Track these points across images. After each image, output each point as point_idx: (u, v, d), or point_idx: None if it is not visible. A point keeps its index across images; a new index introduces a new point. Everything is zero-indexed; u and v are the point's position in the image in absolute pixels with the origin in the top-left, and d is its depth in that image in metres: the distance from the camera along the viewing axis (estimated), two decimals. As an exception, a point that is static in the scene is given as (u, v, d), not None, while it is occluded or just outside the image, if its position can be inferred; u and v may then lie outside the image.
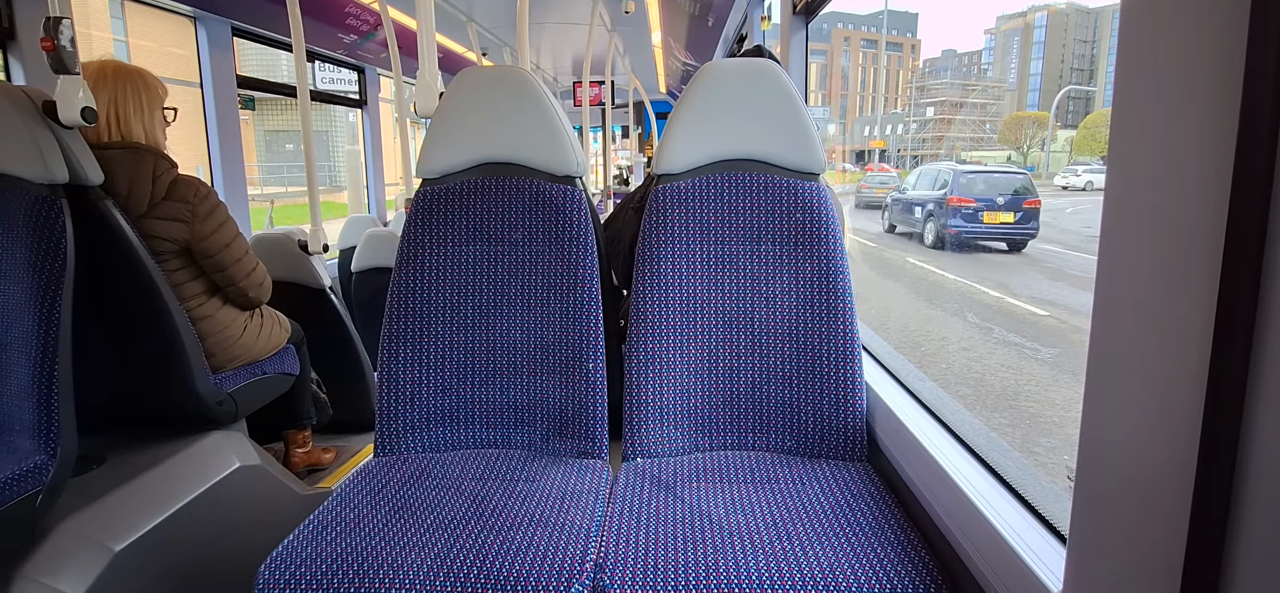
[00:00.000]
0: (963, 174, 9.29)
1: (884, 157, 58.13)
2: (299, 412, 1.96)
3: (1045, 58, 67.25)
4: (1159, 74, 0.48)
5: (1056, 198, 17.15)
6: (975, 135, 65.52)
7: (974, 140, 64.96)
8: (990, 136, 62.97)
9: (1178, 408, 0.46)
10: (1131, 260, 0.51)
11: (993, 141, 60.26)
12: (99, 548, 1.14)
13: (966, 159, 49.01)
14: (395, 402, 1.23)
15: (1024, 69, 68.17)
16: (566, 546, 0.89)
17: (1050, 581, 0.63)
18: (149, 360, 1.47)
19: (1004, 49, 71.03)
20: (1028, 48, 68.76)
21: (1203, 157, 0.44)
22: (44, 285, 1.17)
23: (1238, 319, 0.42)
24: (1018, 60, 69.13)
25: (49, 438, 1.13)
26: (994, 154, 50.85)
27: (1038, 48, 68.17)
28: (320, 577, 0.85)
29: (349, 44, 3.42)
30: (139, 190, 1.43)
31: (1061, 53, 67.31)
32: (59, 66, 1.26)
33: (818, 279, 1.19)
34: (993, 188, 8.85)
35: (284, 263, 2.09)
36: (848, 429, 1.16)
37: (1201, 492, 0.44)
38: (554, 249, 1.25)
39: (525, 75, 1.28)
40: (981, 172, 9.87)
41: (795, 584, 0.81)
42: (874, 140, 60.97)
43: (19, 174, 1.19)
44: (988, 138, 63.50)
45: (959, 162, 42.66)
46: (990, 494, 0.80)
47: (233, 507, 1.45)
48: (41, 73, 1.67)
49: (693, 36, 4.41)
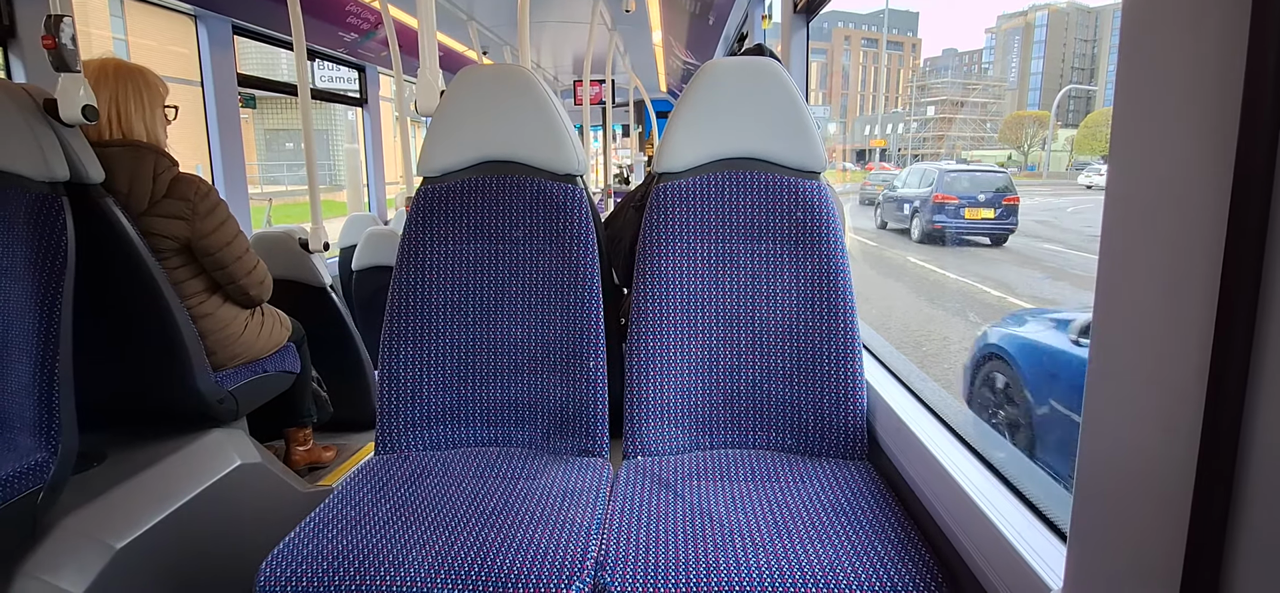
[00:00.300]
0: (948, 173, 9.72)
1: (884, 155, 57.69)
2: (300, 410, 1.96)
3: (1046, 57, 67.10)
4: (1160, 73, 0.48)
5: (1083, 196, 17.14)
6: (976, 134, 65.08)
7: (974, 139, 64.55)
8: (991, 136, 62.52)
9: (1178, 406, 0.46)
10: (1132, 258, 0.51)
11: (993, 141, 59.78)
12: (100, 545, 1.14)
13: (968, 158, 48.56)
14: (396, 400, 1.23)
15: (1025, 68, 67.99)
16: (567, 543, 0.89)
17: (1050, 578, 0.63)
18: (150, 358, 1.47)
19: (1005, 48, 70.86)
20: (1028, 47, 68.61)
21: (1204, 154, 0.44)
22: (45, 283, 1.17)
23: (1238, 317, 0.42)
24: (1018, 59, 68.92)
25: (50, 435, 1.13)
26: (994, 153, 50.43)
27: (1038, 47, 68.02)
28: (321, 575, 0.85)
29: (350, 42, 3.42)
30: (140, 188, 1.43)
31: (1062, 52, 67.18)
32: (60, 64, 1.26)
33: (818, 278, 1.19)
34: (976, 186, 9.28)
35: (285, 261, 2.09)
36: (848, 428, 1.16)
37: (1202, 490, 0.44)
38: (555, 247, 1.25)
39: (526, 74, 1.28)
40: (966, 170, 10.21)
41: (795, 582, 0.81)
42: (874, 139, 60.64)
43: (20, 172, 1.19)
44: (988, 137, 63.06)
45: (959, 160, 42.70)
46: (991, 493, 0.80)
47: (234, 504, 1.45)
48: (42, 71, 1.67)
49: (693, 35, 4.41)
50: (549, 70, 6.43)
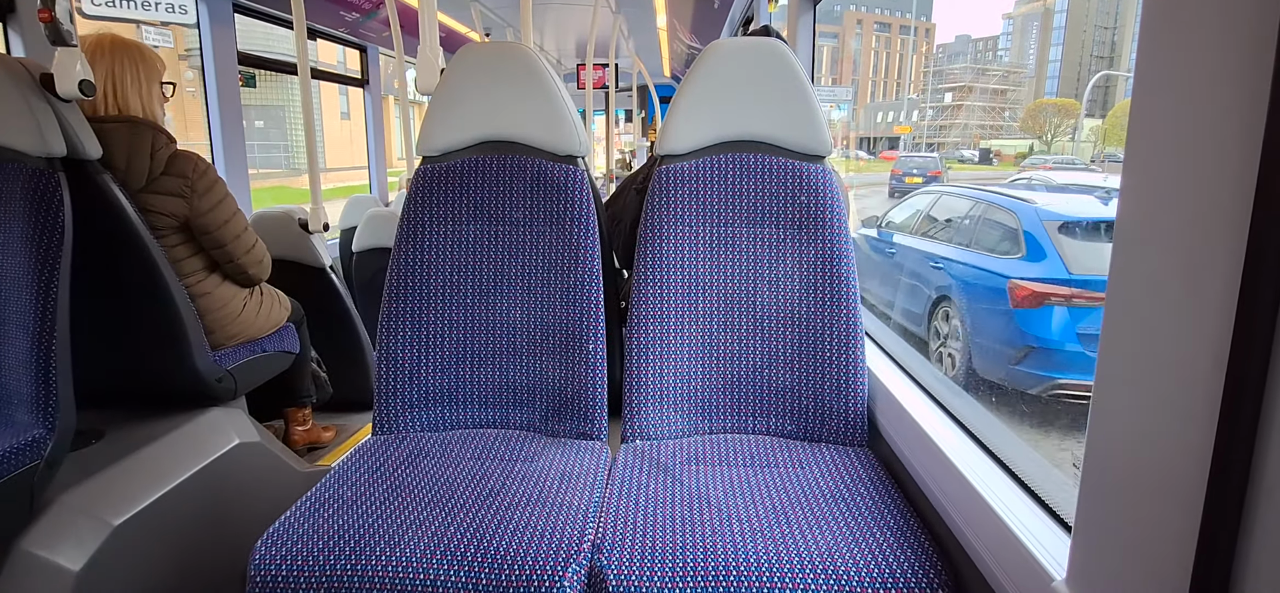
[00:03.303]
0: (906, 156, 19.27)
1: (898, 144, 55.48)
2: (299, 390, 1.96)
3: (1065, 44, 64.20)
4: (1182, 58, 0.46)
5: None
6: (994, 123, 61.52)
7: (992, 128, 60.80)
8: (1010, 124, 59.07)
9: (1194, 396, 0.45)
10: (1148, 250, 0.49)
11: (1013, 130, 56.28)
12: (98, 522, 1.14)
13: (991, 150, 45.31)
14: (394, 381, 1.22)
15: (1043, 55, 65.13)
16: (564, 525, 0.89)
17: (1054, 569, 0.62)
18: (148, 336, 1.47)
19: (1022, 33, 68.84)
20: (1048, 33, 65.77)
21: (1227, 144, 0.43)
22: (42, 259, 1.16)
23: (1261, 307, 0.40)
24: (1037, 45, 66.59)
25: (47, 412, 1.13)
26: (1015, 143, 47.32)
27: (1058, 33, 65.14)
28: (317, 553, 0.85)
29: (351, 22, 3.38)
30: (137, 165, 1.41)
31: (1082, 39, 64.65)
32: (57, 38, 1.24)
33: (821, 263, 1.17)
34: (917, 166, 16.31)
35: (284, 241, 2.08)
36: (849, 414, 1.15)
37: (1216, 483, 0.43)
38: (555, 229, 1.24)
39: (527, 52, 1.26)
40: (917, 156, 19.80)
41: (794, 568, 0.80)
42: (899, 125, 56.69)
43: (17, 147, 1.18)
44: (1007, 126, 59.60)
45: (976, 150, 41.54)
46: (992, 480, 0.79)
47: (231, 483, 1.46)
48: (41, 46, 1.65)
49: (698, 19, 4.36)
50: (552, 53, 6.37)
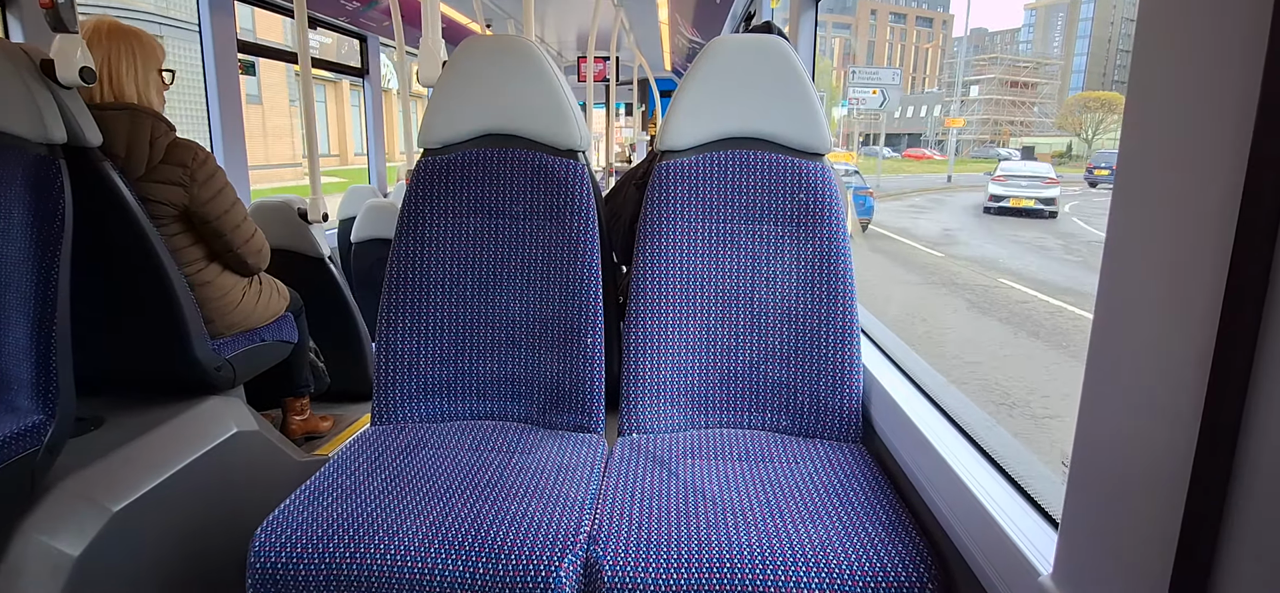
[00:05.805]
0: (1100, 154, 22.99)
1: (918, 141, 51.14)
2: (297, 380, 1.96)
3: (1092, 37, 60.55)
4: (1174, 61, 0.47)
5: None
6: (1025, 118, 55.92)
7: (1024, 124, 55.14)
8: (1041, 120, 54.19)
9: (1179, 396, 0.46)
10: (1137, 248, 0.50)
11: (1047, 126, 51.16)
12: (97, 507, 1.15)
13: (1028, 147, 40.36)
14: (393, 371, 1.23)
15: (1068, 49, 61.43)
16: (561, 517, 0.89)
17: (1040, 564, 0.64)
18: (147, 324, 1.47)
19: (1046, 26, 65.37)
20: (1074, 25, 61.97)
21: (1216, 145, 0.44)
22: (42, 245, 1.16)
23: (1245, 309, 0.41)
24: (1062, 39, 62.37)
25: (47, 397, 1.13)
26: (1050, 140, 42.38)
27: (1084, 25, 61.35)
28: (315, 541, 0.86)
29: (351, 10, 3.37)
30: (137, 153, 1.41)
31: (1108, 32, 60.52)
32: (57, 24, 1.24)
33: (819, 260, 1.18)
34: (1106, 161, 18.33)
35: (283, 231, 2.08)
36: (843, 410, 1.16)
37: (1198, 482, 0.44)
38: (555, 223, 1.25)
39: (529, 45, 1.27)
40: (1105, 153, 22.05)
41: (787, 561, 0.81)
42: (950, 118, 49.52)
43: (17, 133, 1.18)
44: (1040, 122, 54.27)
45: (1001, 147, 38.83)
46: (983, 477, 0.80)
47: (230, 471, 1.46)
48: (41, 32, 1.64)
49: (700, 13, 4.35)
50: (553, 45, 6.35)
